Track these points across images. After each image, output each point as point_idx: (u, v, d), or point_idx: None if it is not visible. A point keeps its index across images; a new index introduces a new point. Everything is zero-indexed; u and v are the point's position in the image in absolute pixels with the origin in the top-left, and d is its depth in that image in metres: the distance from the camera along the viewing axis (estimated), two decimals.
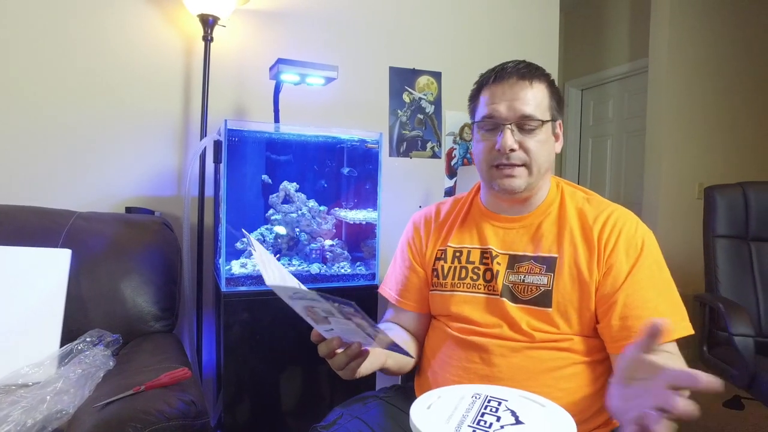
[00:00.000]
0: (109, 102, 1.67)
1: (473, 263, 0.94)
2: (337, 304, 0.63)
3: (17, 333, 1.10)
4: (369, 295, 1.47)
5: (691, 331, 0.82)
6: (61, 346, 1.12)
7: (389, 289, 1.06)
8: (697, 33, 2.88)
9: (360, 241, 1.62)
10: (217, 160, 1.56)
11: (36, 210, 1.38)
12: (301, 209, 1.53)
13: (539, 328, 0.86)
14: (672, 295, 0.84)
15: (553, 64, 2.40)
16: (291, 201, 1.54)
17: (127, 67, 1.68)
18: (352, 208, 1.62)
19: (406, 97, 2.10)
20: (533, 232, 0.92)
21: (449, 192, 2.19)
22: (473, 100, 0.95)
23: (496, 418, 0.54)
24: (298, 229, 1.54)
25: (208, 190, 1.72)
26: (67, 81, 1.62)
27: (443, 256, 0.98)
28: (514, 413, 0.55)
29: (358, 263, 1.60)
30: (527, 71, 0.88)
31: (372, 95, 2.05)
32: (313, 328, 0.76)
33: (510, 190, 0.89)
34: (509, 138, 0.86)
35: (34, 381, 1.04)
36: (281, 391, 1.43)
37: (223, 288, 1.38)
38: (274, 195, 1.53)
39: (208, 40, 1.65)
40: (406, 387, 1.05)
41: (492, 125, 0.89)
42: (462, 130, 2.21)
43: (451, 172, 2.20)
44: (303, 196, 1.54)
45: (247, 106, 1.85)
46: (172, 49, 1.74)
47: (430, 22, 2.14)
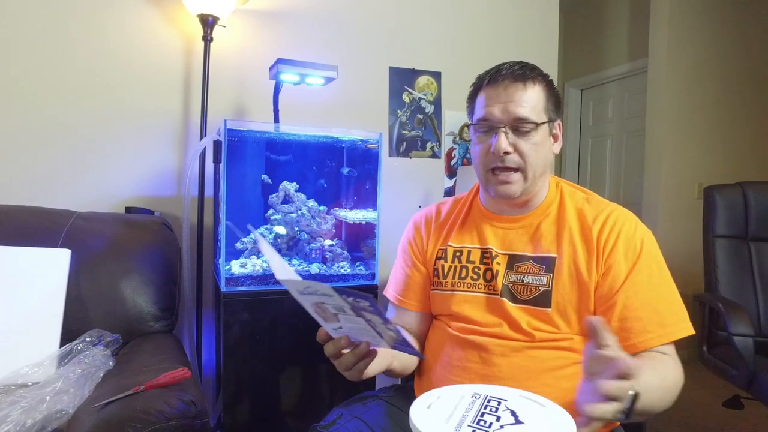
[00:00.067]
0: (109, 102, 1.67)
1: (473, 263, 0.94)
2: (351, 299, 0.62)
3: (17, 333, 1.10)
4: None
5: (692, 332, 0.82)
6: (60, 346, 1.12)
7: (391, 290, 1.07)
8: (696, 33, 2.88)
9: (360, 241, 1.62)
10: (216, 160, 1.56)
11: (35, 210, 1.38)
12: (300, 209, 1.53)
13: (539, 327, 0.86)
14: (671, 296, 0.84)
15: (552, 64, 2.41)
16: (291, 201, 1.54)
17: (127, 67, 1.69)
18: (351, 208, 1.62)
19: (405, 97, 2.10)
20: (532, 233, 0.92)
21: (449, 192, 2.19)
22: (470, 101, 0.95)
23: (495, 418, 0.54)
24: (297, 228, 1.54)
25: (208, 190, 1.72)
26: (67, 81, 1.62)
27: (444, 256, 0.98)
28: (513, 413, 0.55)
29: (357, 263, 1.60)
30: (522, 73, 0.87)
31: (372, 95, 2.05)
32: (318, 330, 0.75)
33: (506, 196, 0.89)
34: (503, 141, 0.86)
35: (34, 381, 1.04)
36: (281, 390, 1.43)
37: (223, 288, 1.38)
38: (274, 195, 1.53)
39: (207, 40, 1.65)
40: (406, 387, 1.05)
41: (487, 128, 0.89)
42: (462, 130, 2.21)
43: (451, 172, 2.20)
44: (303, 196, 1.54)
45: (247, 106, 1.85)
46: (171, 49, 1.74)
47: (429, 22, 2.14)
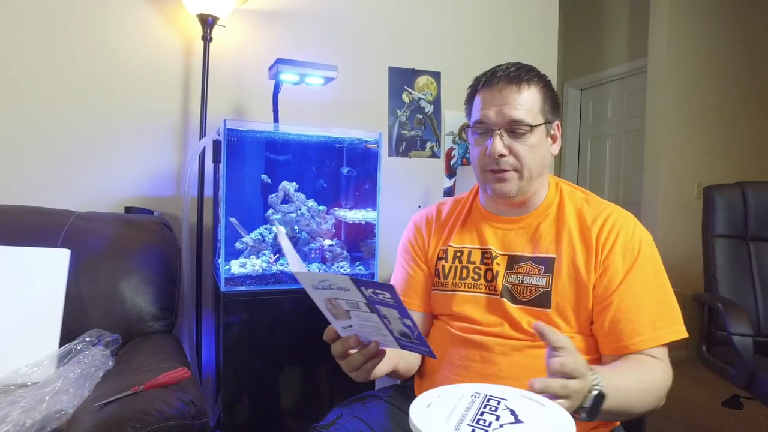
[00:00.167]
0: (109, 102, 1.67)
1: (474, 263, 0.94)
2: (371, 290, 0.61)
3: (16, 333, 1.10)
4: None
5: (684, 335, 0.82)
6: (60, 346, 1.11)
7: None
8: (696, 33, 2.88)
9: (359, 240, 1.62)
10: (216, 160, 1.56)
11: (35, 210, 1.38)
12: (300, 209, 1.53)
13: None
14: (666, 300, 0.84)
15: (552, 63, 2.41)
16: (290, 201, 1.54)
17: (127, 67, 1.68)
18: (351, 208, 1.62)
19: (405, 97, 2.10)
20: (532, 233, 0.92)
21: (448, 192, 2.19)
22: (468, 103, 0.95)
23: (495, 417, 0.54)
24: (296, 227, 1.54)
25: (208, 190, 1.72)
26: (66, 81, 1.62)
27: (445, 256, 0.98)
28: (513, 412, 0.55)
29: (357, 263, 1.60)
30: (517, 75, 0.87)
31: (371, 95, 2.05)
32: (323, 329, 0.74)
33: (502, 195, 0.90)
34: (498, 144, 0.86)
35: (33, 381, 1.04)
36: (281, 390, 1.43)
37: (223, 288, 1.38)
38: (274, 195, 1.53)
39: (207, 40, 1.65)
40: (406, 386, 1.05)
41: (483, 130, 0.89)
42: (461, 130, 2.21)
43: (451, 172, 2.20)
44: (302, 195, 1.54)
45: (247, 105, 1.84)
46: (171, 49, 1.74)
47: (429, 22, 2.14)
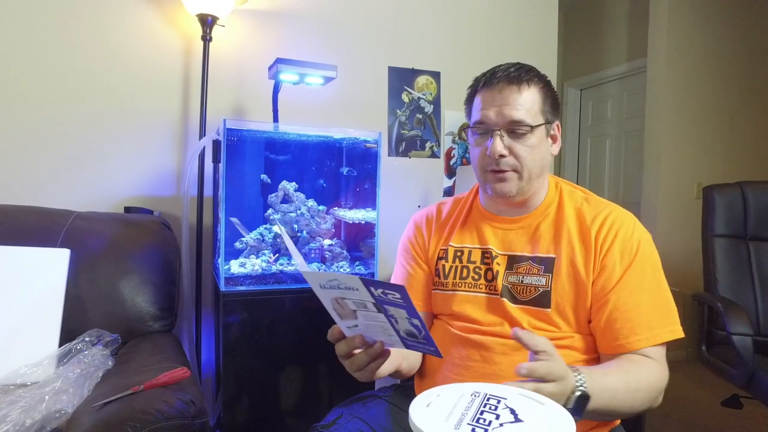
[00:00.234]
0: (109, 102, 1.67)
1: (474, 263, 0.94)
2: (380, 290, 0.61)
3: (16, 333, 1.10)
4: None
5: (680, 335, 0.82)
6: (59, 346, 1.11)
7: None
8: (695, 33, 2.88)
9: (359, 240, 1.62)
10: (216, 160, 1.56)
11: (35, 210, 1.38)
12: (300, 209, 1.53)
13: (540, 327, 0.86)
14: (663, 299, 0.84)
15: (551, 63, 2.41)
16: (290, 200, 1.54)
17: (127, 67, 1.68)
18: (351, 208, 1.62)
19: (405, 97, 2.10)
20: (532, 233, 0.92)
21: (448, 192, 2.19)
22: (468, 103, 0.95)
23: (495, 416, 0.54)
24: (296, 226, 1.54)
25: (207, 190, 1.72)
26: (66, 81, 1.62)
27: (445, 256, 0.98)
28: (513, 411, 0.55)
29: (357, 263, 1.60)
30: (517, 75, 0.87)
31: (371, 95, 2.05)
32: (327, 329, 0.74)
33: (502, 194, 0.90)
34: (498, 144, 0.86)
35: (33, 381, 1.04)
36: (280, 390, 1.43)
37: (222, 287, 1.38)
38: (273, 195, 1.53)
39: (207, 39, 1.65)
40: (406, 386, 1.05)
41: (483, 130, 0.89)
42: (461, 129, 2.21)
43: (450, 172, 2.20)
44: (302, 195, 1.54)
45: (246, 105, 1.84)
46: (171, 48, 1.74)
47: (429, 22, 2.14)
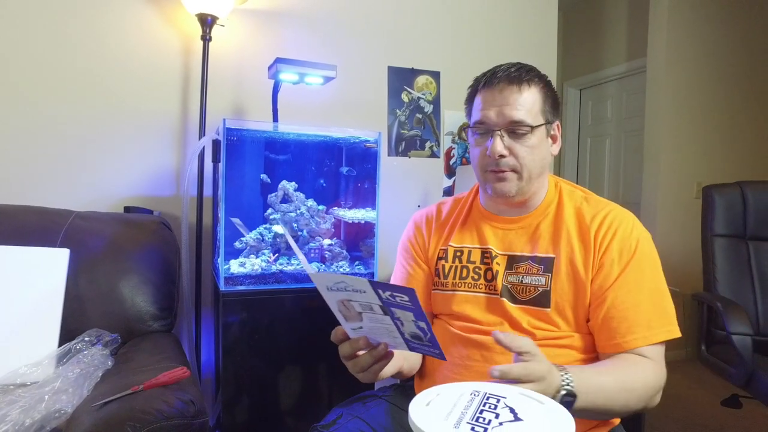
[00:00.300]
0: (108, 101, 1.67)
1: (474, 263, 0.94)
2: (388, 293, 0.61)
3: (15, 332, 1.10)
4: None
5: (677, 335, 0.82)
6: (59, 346, 1.11)
7: None
8: (695, 32, 2.88)
9: (359, 240, 1.62)
10: (215, 160, 1.56)
11: (34, 209, 1.38)
12: (299, 208, 1.53)
13: (540, 327, 0.86)
14: (660, 299, 0.84)
15: (551, 63, 2.41)
16: (290, 200, 1.54)
17: (126, 67, 1.68)
18: (350, 208, 1.62)
19: (404, 97, 2.10)
20: (531, 233, 0.92)
21: (448, 191, 2.19)
22: (468, 103, 0.95)
23: (494, 415, 0.54)
24: (296, 225, 1.54)
25: (207, 190, 1.72)
26: (66, 81, 1.62)
27: (445, 256, 0.98)
28: (512, 410, 0.55)
29: (356, 262, 1.60)
30: (517, 75, 0.87)
31: (371, 95, 2.05)
32: (330, 331, 0.74)
33: (502, 194, 0.90)
34: (498, 144, 0.86)
35: (33, 380, 1.04)
36: (280, 390, 1.43)
37: (222, 287, 1.38)
38: (273, 194, 1.53)
39: (206, 39, 1.65)
40: (406, 386, 1.05)
41: (483, 130, 0.89)
42: (460, 129, 2.21)
43: (450, 172, 2.20)
44: (302, 195, 1.54)
45: (246, 105, 1.84)
46: (170, 48, 1.74)
47: (428, 21, 2.14)
